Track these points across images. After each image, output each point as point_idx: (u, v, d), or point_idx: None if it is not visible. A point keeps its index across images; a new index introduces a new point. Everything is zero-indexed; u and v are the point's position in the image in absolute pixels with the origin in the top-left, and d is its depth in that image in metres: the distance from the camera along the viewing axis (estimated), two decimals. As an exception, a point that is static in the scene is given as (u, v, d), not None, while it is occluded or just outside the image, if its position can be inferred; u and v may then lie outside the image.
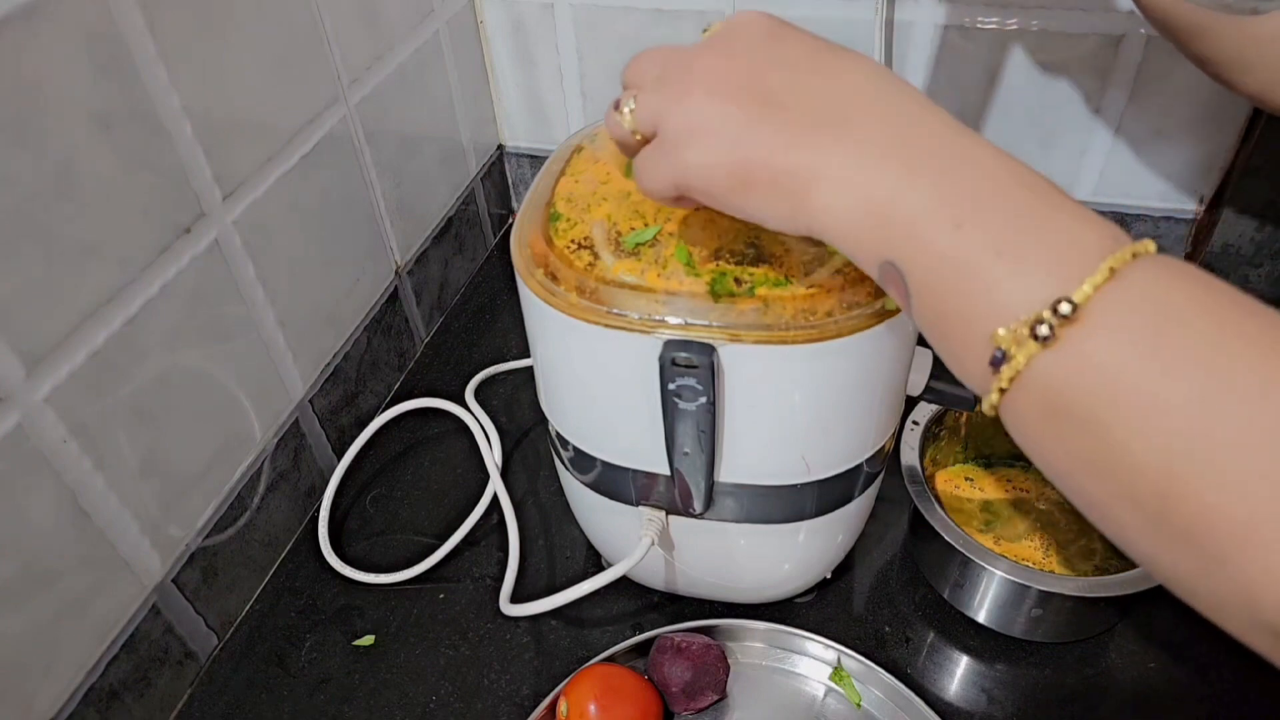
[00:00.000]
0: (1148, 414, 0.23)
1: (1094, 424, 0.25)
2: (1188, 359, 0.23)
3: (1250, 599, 0.22)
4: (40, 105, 0.40)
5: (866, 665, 0.51)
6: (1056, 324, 0.24)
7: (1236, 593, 0.23)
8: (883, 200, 0.28)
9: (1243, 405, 0.22)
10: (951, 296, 0.27)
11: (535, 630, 0.57)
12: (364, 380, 0.70)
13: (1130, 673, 0.52)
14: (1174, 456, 0.23)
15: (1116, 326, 0.24)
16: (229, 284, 0.54)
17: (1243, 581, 0.22)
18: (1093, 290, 0.24)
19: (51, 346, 0.43)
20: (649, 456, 0.45)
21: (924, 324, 0.29)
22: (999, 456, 0.62)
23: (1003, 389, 0.26)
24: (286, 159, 0.57)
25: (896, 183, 0.28)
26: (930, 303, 0.28)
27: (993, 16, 0.67)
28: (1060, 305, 0.24)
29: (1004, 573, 0.50)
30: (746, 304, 0.39)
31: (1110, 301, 0.24)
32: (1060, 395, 0.25)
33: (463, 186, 0.83)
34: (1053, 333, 0.24)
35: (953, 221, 0.27)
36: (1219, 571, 0.23)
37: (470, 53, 0.80)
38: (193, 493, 0.53)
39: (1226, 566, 0.23)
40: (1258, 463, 0.22)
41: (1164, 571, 0.25)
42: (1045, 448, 0.27)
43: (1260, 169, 0.67)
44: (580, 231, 0.42)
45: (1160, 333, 0.24)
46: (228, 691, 0.55)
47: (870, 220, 0.29)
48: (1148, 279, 0.25)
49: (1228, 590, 0.23)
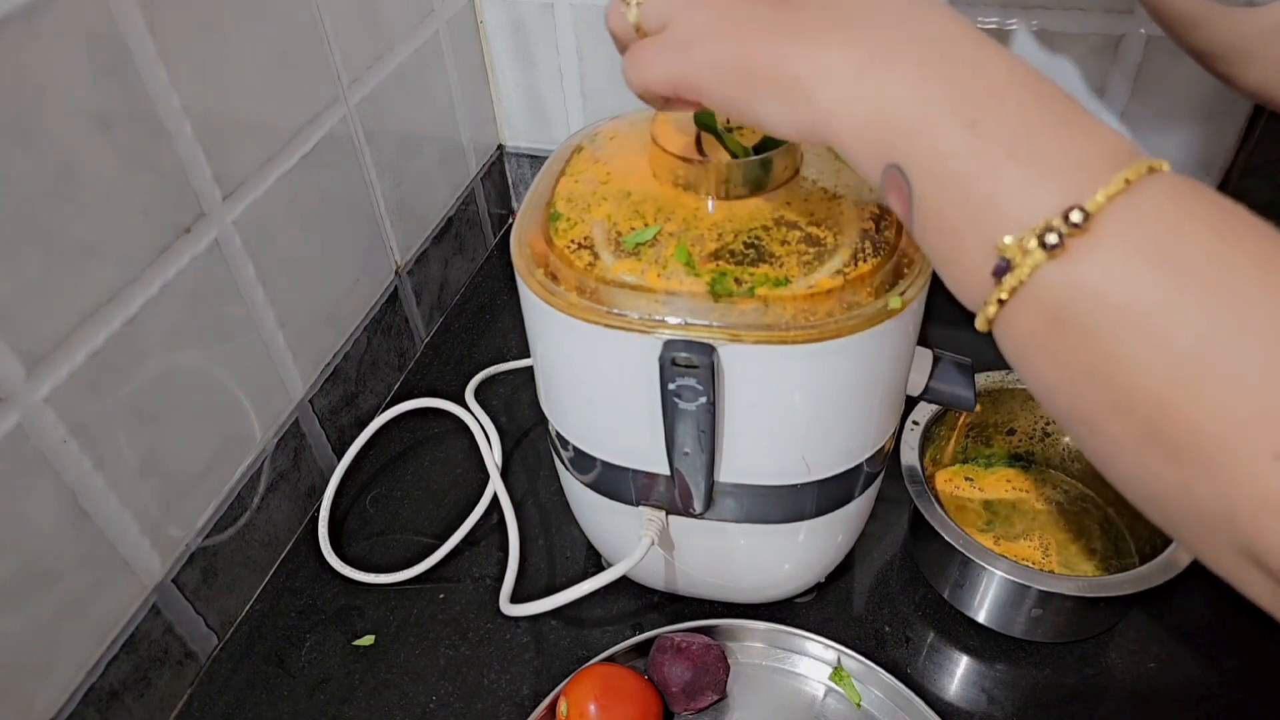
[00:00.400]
0: (1150, 330, 0.23)
1: (1094, 337, 0.24)
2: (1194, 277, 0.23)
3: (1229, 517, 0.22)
4: (40, 105, 0.40)
5: (866, 665, 0.51)
6: (1066, 233, 0.24)
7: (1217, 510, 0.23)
8: (891, 99, 0.27)
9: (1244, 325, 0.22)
10: (957, 203, 0.26)
11: (535, 630, 0.57)
12: (364, 380, 0.70)
13: (1130, 673, 0.52)
14: (1172, 371, 0.23)
15: (1126, 239, 0.24)
16: (229, 284, 0.54)
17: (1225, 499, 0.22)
18: (1106, 200, 0.24)
19: (51, 346, 0.43)
20: (649, 456, 0.45)
21: (924, 234, 0.28)
22: (999, 456, 0.62)
23: (1002, 299, 0.26)
24: (286, 159, 0.57)
25: (906, 81, 0.27)
26: (933, 209, 0.27)
27: (993, 16, 0.67)
28: (1071, 214, 0.24)
29: (1004, 573, 0.50)
30: (746, 304, 0.39)
31: (1122, 213, 0.24)
32: (1062, 308, 0.25)
33: (463, 186, 0.83)
34: (1061, 241, 0.24)
35: (964, 121, 0.26)
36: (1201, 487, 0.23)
37: (470, 53, 0.80)
38: (193, 493, 0.53)
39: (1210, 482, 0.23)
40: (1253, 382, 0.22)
41: (1145, 489, 0.25)
42: (1038, 361, 0.26)
43: (1260, 169, 0.67)
44: (580, 231, 0.42)
45: (1169, 248, 0.23)
46: (228, 691, 0.55)
47: (876, 119, 0.28)
48: (1162, 194, 0.24)
49: (1207, 507, 0.23)
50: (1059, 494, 0.60)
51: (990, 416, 0.60)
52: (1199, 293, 0.23)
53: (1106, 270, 0.24)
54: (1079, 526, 0.58)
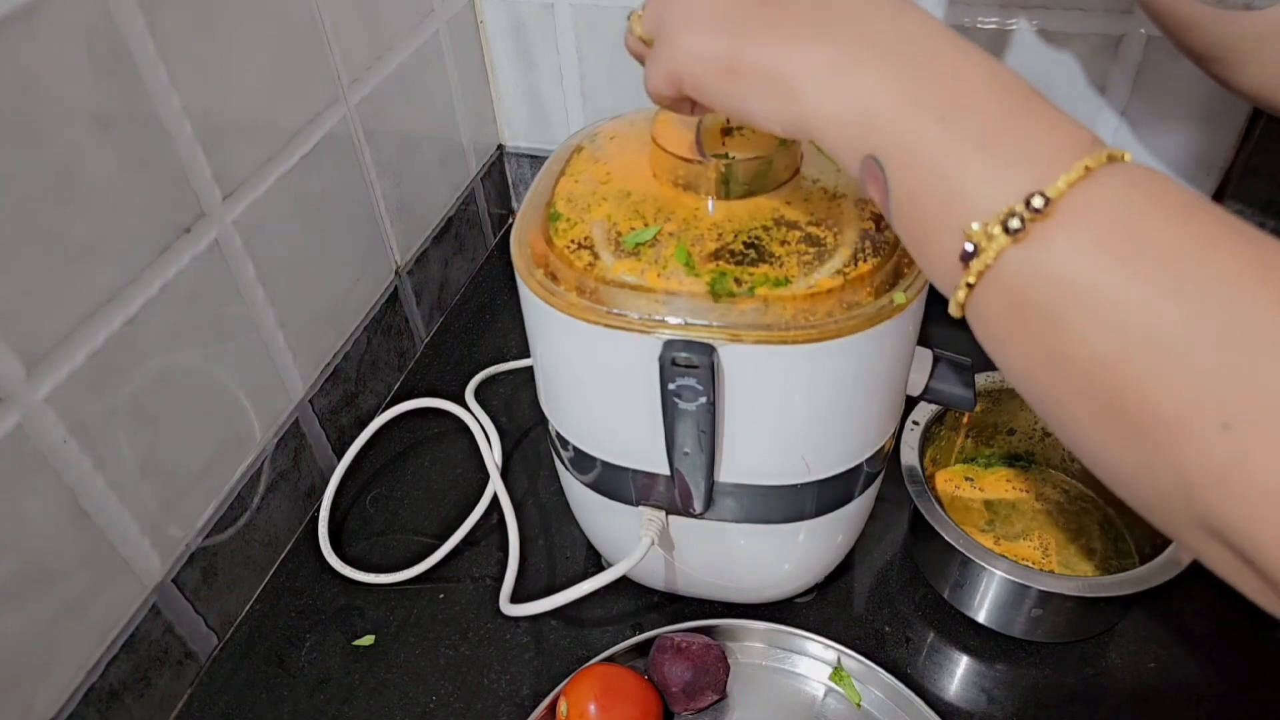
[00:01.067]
0: (1105, 310, 0.24)
1: (1053, 320, 0.25)
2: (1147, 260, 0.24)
3: (1187, 492, 0.23)
4: (40, 105, 0.40)
5: (866, 665, 0.51)
6: (1028, 217, 0.25)
7: (1176, 486, 0.23)
8: (868, 94, 0.29)
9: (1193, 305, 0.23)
10: (930, 192, 0.28)
11: (535, 630, 0.57)
12: (364, 380, 0.70)
13: (1130, 673, 0.52)
14: (1126, 351, 0.24)
15: (1084, 223, 0.25)
16: (229, 284, 0.54)
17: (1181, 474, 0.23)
18: (1066, 186, 0.25)
19: (51, 346, 0.43)
20: (649, 456, 0.45)
21: (900, 221, 0.30)
22: (999, 456, 0.62)
23: (970, 283, 0.27)
24: (286, 159, 0.57)
25: (883, 77, 0.29)
26: (908, 197, 0.29)
27: (993, 16, 0.67)
28: (1033, 199, 0.25)
29: (1004, 573, 0.50)
30: (746, 304, 0.39)
31: (1081, 199, 0.25)
32: (1024, 291, 0.26)
33: (463, 186, 0.83)
34: (1024, 225, 0.25)
35: (937, 115, 0.27)
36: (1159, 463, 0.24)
37: (470, 53, 0.80)
38: (193, 493, 0.53)
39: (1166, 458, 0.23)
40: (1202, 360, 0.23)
41: (1110, 467, 0.26)
42: (1008, 346, 0.27)
43: (1260, 169, 0.67)
44: (580, 231, 0.42)
45: (1124, 232, 0.24)
46: (228, 691, 0.55)
47: (855, 113, 0.29)
48: (1120, 181, 0.25)
49: (1167, 484, 0.24)
50: (1059, 494, 0.60)
51: (990, 416, 0.60)
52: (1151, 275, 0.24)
53: (1065, 254, 0.25)
54: (1079, 526, 0.58)
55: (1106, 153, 0.26)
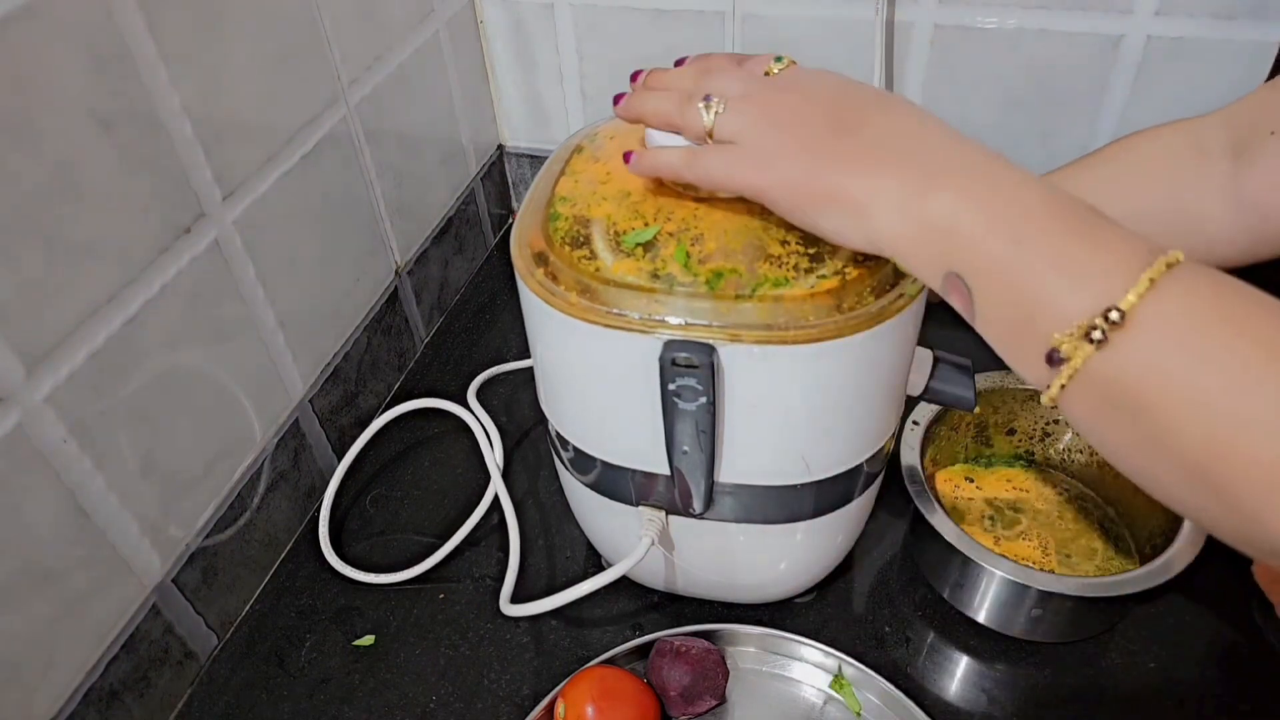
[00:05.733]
0: (1187, 400, 0.29)
1: (1142, 410, 0.30)
2: (1216, 352, 0.29)
3: (1266, 531, 0.29)
4: (40, 105, 0.40)
5: (865, 672, 0.51)
6: (1108, 329, 0.30)
7: (1256, 528, 0.29)
8: (942, 219, 0.33)
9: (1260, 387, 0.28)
10: (1014, 305, 0.32)
11: (535, 630, 0.57)
12: (364, 380, 0.70)
13: (1130, 673, 0.52)
14: (1209, 432, 0.29)
15: (1157, 329, 0.30)
16: (229, 284, 0.54)
17: (1259, 519, 0.29)
18: (1136, 299, 0.30)
19: (51, 346, 0.43)
20: (649, 456, 0.45)
21: (985, 327, 0.34)
22: (999, 456, 0.62)
23: (1063, 385, 0.32)
24: (286, 159, 0.57)
25: (955, 204, 0.33)
26: (993, 309, 0.33)
27: (992, 16, 0.67)
28: (1110, 313, 0.30)
29: (1004, 573, 0.50)
30: (746, 304, 0.39)
31: (1151, 307, 0.30)
32: (1112, 388, 0.31)
33: (463, 186, 0.83)
34: (1105, 336, 0.30)
35: (1013, 238, 0.32)
36: (1241, 512, 0.29)
37: (470, 53, 0.80)
38: (193, 493, 0.53)
39: (1247, 508, 0.29)
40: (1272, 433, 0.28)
41: (1197, 516, 0.32)
42: (1101, 432, 0.33)
43: (1260, 169, 0.67)
44: (580, 232, 0.42)
45: (1193, 331, 0.30)
46: (228, 691, 0.55)
47: (930, 237, 0.34)
48: (1180, 287, 0.30)
49: (1250, 527, 0.30)
50: (1059, 494, 0.60)
51: (990, 416, 0.60)
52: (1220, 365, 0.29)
53: (1144, 356, 0.30)
54: (1079, 526, 0.58)
55: (1164, 261, 0.30)
